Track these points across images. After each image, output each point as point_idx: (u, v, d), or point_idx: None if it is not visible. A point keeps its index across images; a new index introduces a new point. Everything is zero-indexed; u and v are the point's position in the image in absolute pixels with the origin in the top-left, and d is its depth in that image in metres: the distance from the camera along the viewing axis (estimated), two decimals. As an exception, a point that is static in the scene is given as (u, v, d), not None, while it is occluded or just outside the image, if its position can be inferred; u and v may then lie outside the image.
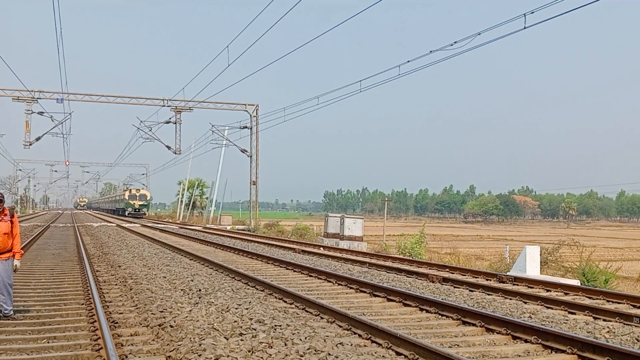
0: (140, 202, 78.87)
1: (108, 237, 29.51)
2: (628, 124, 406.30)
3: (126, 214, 77.54)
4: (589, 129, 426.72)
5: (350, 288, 12.60)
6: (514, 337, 8.06)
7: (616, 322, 9.34)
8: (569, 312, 10.25)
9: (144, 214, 79.72)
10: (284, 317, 8.92)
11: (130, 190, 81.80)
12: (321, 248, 25.37)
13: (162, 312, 9.01)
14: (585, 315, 9.97)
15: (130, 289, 11.57)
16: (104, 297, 10.80)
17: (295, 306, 10.28)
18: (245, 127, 50.45)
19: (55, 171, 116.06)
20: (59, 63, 31.11)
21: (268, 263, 18.01)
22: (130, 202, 78.28)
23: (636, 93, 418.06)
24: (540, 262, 18.53)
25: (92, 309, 9.28)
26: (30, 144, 46.61)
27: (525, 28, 15.36)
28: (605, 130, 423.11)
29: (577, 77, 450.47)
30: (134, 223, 52.24)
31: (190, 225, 51.95)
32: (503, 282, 14.10)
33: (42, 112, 45.89)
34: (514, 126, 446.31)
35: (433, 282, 13.95)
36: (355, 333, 8.15)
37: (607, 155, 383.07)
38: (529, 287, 13.46)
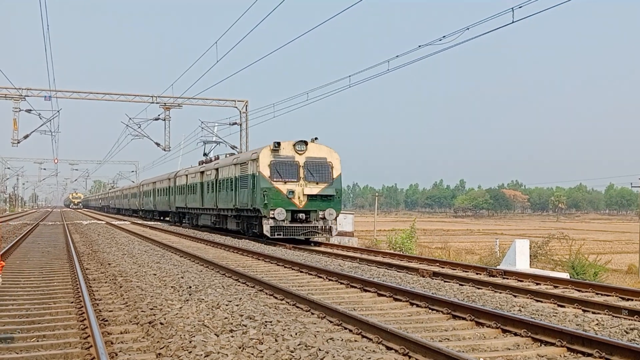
0: (316, 190, 23.87)
1: (98, 235, 29.38)
2: (617, 117, 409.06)
3: (266, 231, 23.40)
4: (578, 123, 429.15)
5: (341, 283, 12.62)
6: (504, 331, 8.10)
7: (605, 314, 9.40)
8: (559, 305, 10.31)
9: (330, 230, 24.14)
10: (274, 313, 8.92)
11: (277, 146, 23.98)
12: (312, 244, 25.35)
13: (152, 309, 8.98)
14: (575, 308, 10.03)
15: (120, 287, 11.52)
16: (94, 295, 10.74)
17: (286, 302, 10.27)
18: (235, 123, 50.36)
19: (44, 169, 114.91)
20: (47, 60, 30.94)
21: (259, 259, 17.99)
22: (281, 192, 23.57)
23: (625, 87, 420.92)
24: (530, 255, 18.65)
25: (82, 307, 9.23)
26: (18, 142, 46.24)
27: (513, 22, 15.38)
28: (594, 124, 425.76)
29: (566, 71, 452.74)
30: (124, 221, 52.01)
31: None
32: (493, 276, 14.16)
33: (30, 110, 45.57)
34: (504, 121, 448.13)
35: (423, 276, 13.99)
36: (345, 328, 8.16)
37: (595, 149, 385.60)
38: (518, 280, 13.53)
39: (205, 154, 39.59)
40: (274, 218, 23.14)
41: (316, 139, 24.77)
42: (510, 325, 8.10)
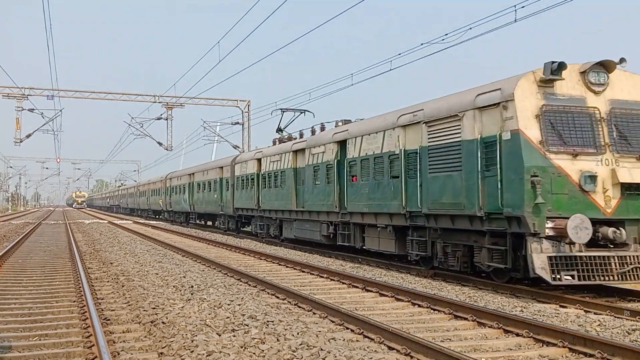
0: None
1: (100, 234, 29.40)
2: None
3: (540, 266, 10.11)
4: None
5: (343, 283, 12.62)
6: (506, 331, 8.09)
7: (607, 315, 9.39)
8: (560, 306, 10.29)
9: None
10: (276, 312, 8.92)
11: (555, 72, 10.51)
12: (314, 244, 25.31)
13: (154, 308, 9.00)
14: (577, 308, 10.01)
15: (122, 286, 11.53)
16: (96, 294, 10.76)
17: (288, 302, 10.28)
18: (237, 122, 50.35)
19: (47, 168, 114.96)
20: (49, 59, 30.93)
21: (260, 259, 17.99)
22: (568, 178, 10.39)
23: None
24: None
25: (84, 306, 9.24)
26: (20, 141, 46.32)
27: (515, 21, 15.34)
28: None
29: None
30: (126, 220, 52.07)
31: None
32: (495, 276, 14.12)
33: (33, 109, 45.63)
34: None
35: (425, 277, 13.97)
36: (347, 328, 8.16)
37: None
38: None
39: (280, 130, 26.52)
40: (557, 237, 10.42)
41: (623, 60, 11.28)
42: (512, 325, 8.09)
